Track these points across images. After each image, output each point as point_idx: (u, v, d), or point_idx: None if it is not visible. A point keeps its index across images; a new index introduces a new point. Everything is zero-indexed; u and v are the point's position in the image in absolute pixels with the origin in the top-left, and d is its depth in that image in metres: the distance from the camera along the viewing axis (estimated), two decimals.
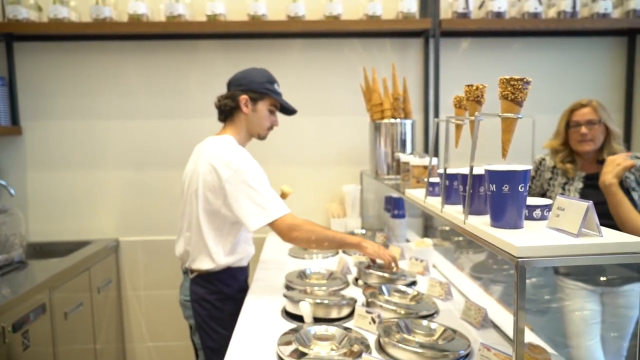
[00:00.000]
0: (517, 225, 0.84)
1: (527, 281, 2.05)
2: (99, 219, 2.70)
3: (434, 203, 1.16)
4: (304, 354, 1.16)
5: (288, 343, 1.21)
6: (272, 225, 1.59)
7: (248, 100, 1.71)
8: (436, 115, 2.52)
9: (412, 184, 1.60)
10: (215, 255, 1.64)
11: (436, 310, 1.44)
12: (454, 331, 1.25)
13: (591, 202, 0.76)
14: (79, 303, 2.16)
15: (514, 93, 0.89)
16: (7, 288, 1.82)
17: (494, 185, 0.84)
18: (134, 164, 2.67)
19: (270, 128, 1.81)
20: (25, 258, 2.16)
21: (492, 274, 1.88)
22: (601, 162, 2.00)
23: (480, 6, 2.53)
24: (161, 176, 2.68)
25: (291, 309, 1.44)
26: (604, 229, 0.78)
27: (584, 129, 1.94)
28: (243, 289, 1.74)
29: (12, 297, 1.68)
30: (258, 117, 1.74)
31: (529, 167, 0.83)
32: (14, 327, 1.64)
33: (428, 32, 2.51)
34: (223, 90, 2.64)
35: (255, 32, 2.50)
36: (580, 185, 1.99)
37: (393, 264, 1.69)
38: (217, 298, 1.68)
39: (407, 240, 2.35)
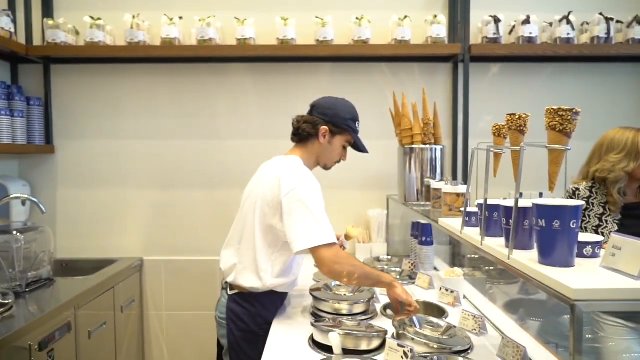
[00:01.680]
0: (568, 264, 0.79)
1: (565, 315, 1.94)
2: (124, 237, 2.72)
3: (472, 234, 1.12)
4: None
5: None
6: (316, 252, 1.54)
7: (328, 132, 1.72)
8: (465, 141, 2.48)
9: (444, 212, 1.56)
10: (263, 274, 1.61)
11: (470, 346, 1.38)
12: None
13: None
14: (103, 322, 2.16)
15: (562, 124, 0.86)
16: (34, 305, 1.83)
17: (543, 221, 0.80)
18: (161, 184, 2.70)
19: (338, 161, 1.82)
20: (52, 275, 2.18)
21: (529, 307, 1.80)
22: None
23: (511, 32, 2.51)
24: (187, 197, 2.70)
25: (320, 338, 1.40)
26: None
27: None
28: None
29: (39, 315, 1.69)
30: (331, 149, 1.75)
31: (581, 202, 0.80)
32: (40, 346, 1.64)
33: (457, 57, 2.49)
34: (252, 112, 2.70)
35: (284, 55, 2.53)
36: (618, 216, 1.92)
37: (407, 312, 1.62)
38: (254, 321, 1.64)
39: (435, 269, 2.29)
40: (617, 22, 2.48)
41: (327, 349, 1.35)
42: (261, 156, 1.85)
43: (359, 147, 1.81)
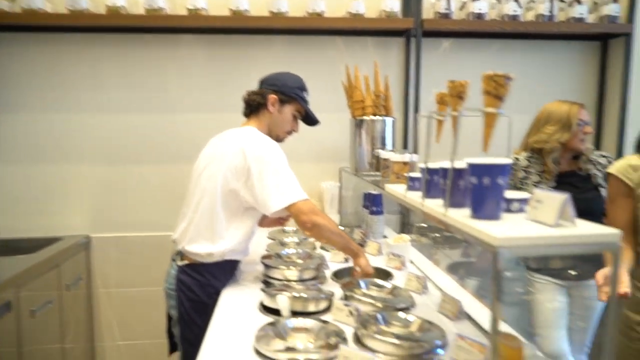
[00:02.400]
0: (496, 217, 0.85)
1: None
2: (70, 215, 2.62)
3: (415, 197, 1.17)
4: (281, 347, 1.15)
5: (265, 336, 1.20)
6: (294, 207, 1.56)
7: (276, 101, 1.75)
8: (416, 113, 2.55)
9: (392, 180, 1.61)
10: (219, 240, 1.62)
11: (413, 304, 1.45)
12: (430, 323, 1.26)
13: (569, 194, 0.78)
14: (48, 301, 2.08)
15: (496, 89, 0.90)
16: None
17: (475, 178, 0.85)
18: (108, 158, 2.61)
19: (290, 133, 1.85)
20: None
21: (468, 268, 1.92)
22: (575, 157, 2.06)
23: (462, 7, 2.57)
24: (136, 171, 2.63)
25: (269, 303, 1.43)
26: (577, 220, 0.80)
27: (589, 128, 2.00)
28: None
29: None
30: (282, 119, 1.78)
31: (509, 160, 0.85)
32: None
33: (410, 32, 2.53)
34: (204, 85, 2.64)
35: (237, 27, 2.48)
36: (553, 184, 2.04)
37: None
38: (204, 291, 1.64)
39: (385, 237, 2.36)
40: (560, 0, 2.59)
41: (277, 313, 1.38)
42: (214, 130, 1.83)
43: (310, 119, 1.84)
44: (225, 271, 1.70)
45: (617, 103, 2.66)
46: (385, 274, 1.79)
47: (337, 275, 1.79)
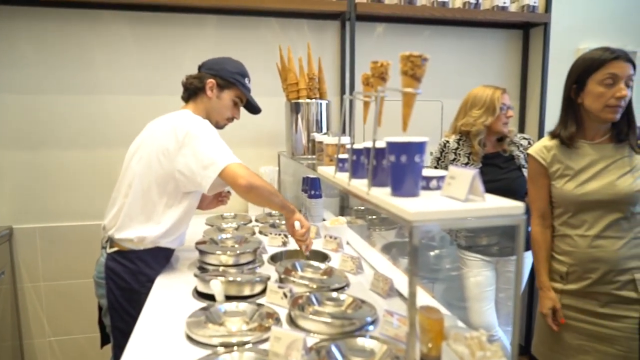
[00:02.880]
0: (414, 194, 0.88)
1: (431, 253, 2.19)
2: None
3: (343, 177, 1.19)
4: (213, 332, 1.15)
5: (197, 322, 1.19)
6: (227, 171, 1.50)
7: (214, 85, 1.71)
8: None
9: (326, 162, 1.63)
10: (151, 225, 1.57)
11: (347, 283, 1.49)
12: (362, 301, 1.30)
13: (477, 170, 0.82)
14: None
15: (412, 69, 0.93)
16: None
17: (393, 156, 0.87)
18: (30, 143, 2.43)
19: (231, 120, 1.81)
20: None
21: (401, 248, 1.99)
22: (499, 140, 2.19)
23: None
24: (62, 157, 2.47)
25: (202, 288, 1.41)
26: (488, 195, 0.85)
27: (511, 112, 2.12)
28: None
29: None
30: (220, 104, 1.74)
31: (425, 138, 0.88)
32: None
33: (344, 15, 2.54)
34: (133, 65, 2.51)
35: (166, 4, 2.37)
36: (480, 165, 2.16)
37: (304, 248, 1.68)
38: (135, 279, 1.59)
39: (324, 220, 2.40)
40: None
41: (212, 298, 1.37)
42: (146, 113, 1.75)
43: (252, 106, 1.83)
44: (158, 259, 1.66)
45: (538, 88, 2.83)
46: (322, 256, 1.82)
47: (274, 258, 1.80)
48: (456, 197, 0.83)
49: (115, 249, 1.59)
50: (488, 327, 2.12)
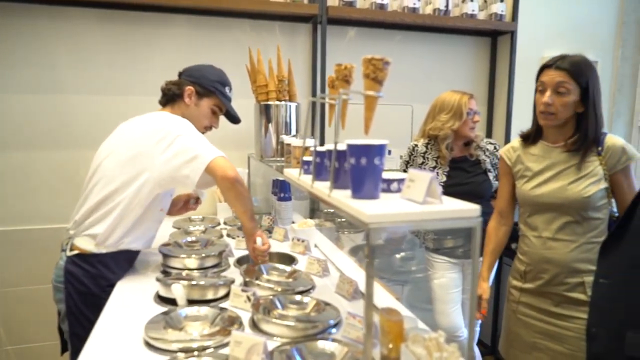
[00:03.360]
0: (374, 196, 0.88)
1: (398, 255, 2.20)
2: None
3: (307, 180, 1.19)
4: (172, 337, 1.12)
5: (156, 327, 1.16)
6: (213, 166, 1.47)
7: (193, 93, 1.69)
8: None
9: (293, 165, 1.62)
10: (116, 228, 1.52)
11: (313, 286, 1.48)
12: (327, 304, 1.30)
13: (435, 173, 0.83)
14: None
15: (374, 72, 0.93)
16: None
17: (353, 159, 0.87)
18: None
19: (209, 128, 1.79)
20: None
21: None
22: (466, 144, 2.23)
23: None
24: (24, 158, 2.38)
25: (164, 292, 1.38)
26: (446, 198, 0.86)
27: (478, 117, 2.16)
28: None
29: None
30: (198, 112, 1.71)
31: (385, 141, 0.88)
32: None
33: (316, 18, 2.55)
34: (101, 65, 2.45)
35: (136, 3, 2.32)
36: (447, 168, 2.19)
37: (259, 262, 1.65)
38: (95, 283, 1.53)
39: (293, 223, 2.39)
40: None
41: (174, 303, 1.34)
42: (113, 114, 1.70)
43: (231, 116, 1.82)
44: (120, 262, 1.61)
45: (505, 94, 2.90)
46: (289, 259, 1.81)
47: (241, 262, 1.78)
48: (414, 199, 0.84)
49: (76, 251, 1.54)
50: (454, 328, 2.15)
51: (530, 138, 1.68)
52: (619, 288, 1.12)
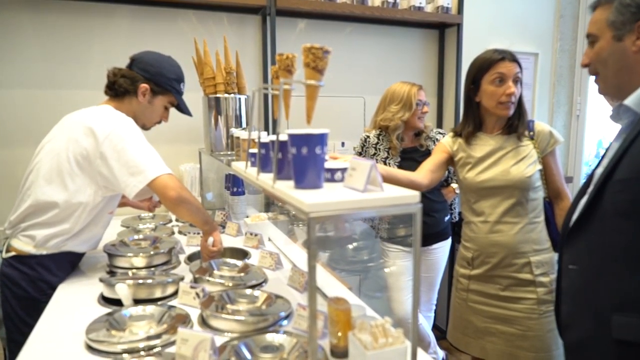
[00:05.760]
0: (316, 186, 0.88)
1: (350, 245, 2.22)
2: None
3: (253, 172, 1.17)
4: (115, 338, 1.08)
5: (98, 329, 1.11)
6: (156, 183, 1.41)
7: (148, 91, 1.60)
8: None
9: (243, 158, 1.60)
10: (60, 225, 1.45)
11: (265, 280, 1.47)
12: (278, 296, 1.29)
13: (374, 161, 0.84)
14: None
15: (314, 61, 0.93)
16: None
17: (294, 149, 0.87)
18: None
19: (159, 122, 1.72)
20: None
21: (323, 243, 2.00)
22: (416, 135, 2.27)
23: None
24: None
25: (108, 293, 1.33)
26: (387, 186, 0.87)
27: (426, 108, 2.19)
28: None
29: None
30: (151, 109, 1.64)
31: (326, 130, 0.88)
32: None
33: (265, 10, 2.51)
34: (33, 57, 2.30)
35: None
36: (399, 159, 2.23)
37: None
38: (34, 286, 1.45)
39: (247, 217, 2.36)
40: None
41: (120, 304, 1.29)
42: (50, 108, 1.59)
43: (183, 110, 1.75)
44: (62, 264, 1.53)
45: (453, 85, 2.98)
46: (242, 254, 1.79)
47: (192, 258, 1.74)
48: (356, 187, 0.84)
49: (12, 253, 1.46)
50: (409, 314, 2.20)
51: (466, 135, 1.70)
52: (592, 273, 1.08)
